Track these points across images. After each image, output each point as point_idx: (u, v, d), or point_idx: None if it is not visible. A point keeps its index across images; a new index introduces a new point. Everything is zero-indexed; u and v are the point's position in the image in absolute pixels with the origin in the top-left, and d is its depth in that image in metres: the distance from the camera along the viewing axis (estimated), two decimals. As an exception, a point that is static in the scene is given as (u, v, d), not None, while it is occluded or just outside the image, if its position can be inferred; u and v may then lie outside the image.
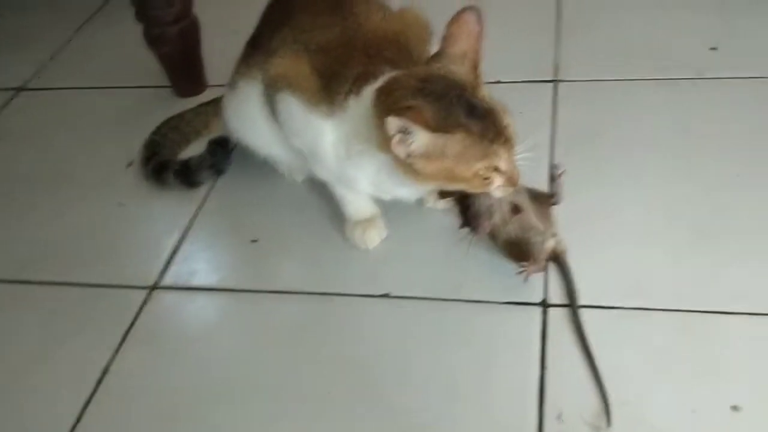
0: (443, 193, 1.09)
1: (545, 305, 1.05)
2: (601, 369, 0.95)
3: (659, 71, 1.43)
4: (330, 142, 1.06)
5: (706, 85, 1.39)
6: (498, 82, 1.29)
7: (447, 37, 0.98)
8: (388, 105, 0.95)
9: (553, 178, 1.09)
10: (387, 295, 1.10)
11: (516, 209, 1.05)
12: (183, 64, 1.54)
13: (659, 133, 1.29)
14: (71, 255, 1.25)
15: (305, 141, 1.09)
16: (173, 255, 1.22)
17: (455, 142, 0.93)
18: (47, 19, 1.95)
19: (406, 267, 1.14)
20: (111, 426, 1.00)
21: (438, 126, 0.91)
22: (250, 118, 1.19)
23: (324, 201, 1.25)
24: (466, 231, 1.07)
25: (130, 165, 1.41)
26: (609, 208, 1.17)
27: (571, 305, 1.04)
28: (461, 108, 0.93)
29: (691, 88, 1.39)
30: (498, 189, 0.98)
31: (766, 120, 1.28)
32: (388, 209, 1.19)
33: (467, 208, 1.04)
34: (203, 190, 1.33)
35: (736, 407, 0.90)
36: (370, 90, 1.00)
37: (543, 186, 1.11)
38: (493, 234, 1.07)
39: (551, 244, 1.07)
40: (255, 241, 1.23)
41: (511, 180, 0.98)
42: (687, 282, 1.04)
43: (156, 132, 1.41)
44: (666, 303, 1.02)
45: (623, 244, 1.11)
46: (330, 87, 1.04)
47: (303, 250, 1.20)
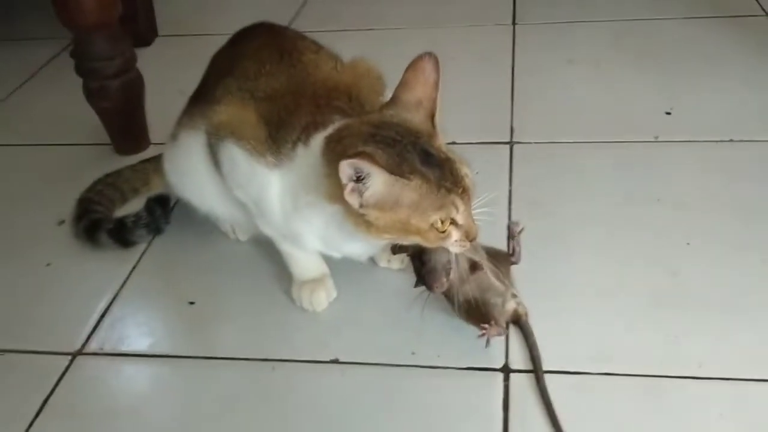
0: (397, 249, 1.02)
1: (507, 370, 0.99)
2: (569, 439, 0.88)
3: (615, 134, 1.42)
4: (276, 193, 1.00)
5: (661, 149, 1.39)
6: (453, 143, 1.25)
7: (402, 84, 0.93)
8: (338, 152, 0.90)
9: (512, 235, 1.05)
10: (336, 361, 1.03)
11: (474, 267, 0.99)
12: (124, 120, 1.47)
13: (613, 198, 1.27)
14: (-13, 319, 1.15)
15: (250, 193, 1.03)
16: (101, 318, 1.13)
17: (411, 189, 0.87)
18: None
19: (357, 331, 1.07)
20: None
21: (393, 171, 0.86)
22: (191, 171, 1.13)
23: (270, 261, 1.18)
24: (421, 290, 1.00)
25: (61, 223, 1.32)
26: (566, 271, 1.13)
27: (536, 371, 0.97)
28: (416, 155, 0.89)
29: (646, 151, 1.38)
30: (455, 244, 0.93)
31: (720, 184, 1.28)
32: (338, 269, 1.13)
33: (423, 264, 0.97)
34: (139, 249, 1.25)
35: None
36: (319, 138, 0.95)
37: (501, 246, 1.07)
38: (450, 294, 1.00)
39: (512, 305, 1.01)
40: (192, 304, 1.14)
41: (469, 234, 0.92)
42: (649, 346, 1.00)
43: (90, 189, 1.33)
44: (631, 368, 0.98)
45: (582, 308, 1.07)
46: (277, 136, 0.99)
47: (245, 312, 1.12)
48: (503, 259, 1.04)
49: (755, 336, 1.00)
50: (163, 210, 1.27)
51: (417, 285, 1.01)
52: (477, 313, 1.00)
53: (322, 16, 2.03)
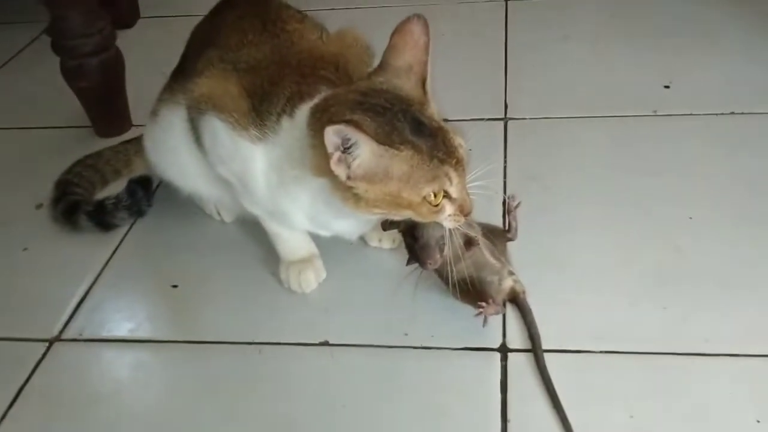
0: (388, 224, 0.98)
1: (504, 350, 0.95)
2: (569, 418, 0.85)
3: (612, 109, 1.38)
4: (261, 169, 0.95)
5: (660, 123, 1.35)
6: (446, 120, 1.21)
7: (390, 49, 0.89)
8: (324, 122, 0.85)
9: (508, 210, 1.00)
10: (326, 343, 0.99)
11: (469, 243, 0.94)
12: (104, 100, 1.42)
13: (612, 172, 1.23)
14: (-39, 306, 1.10)
15: (233, 169, 0.98)
16: (80, 304, 1.09)
17: (401, 160, 0.83)
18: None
19: (347, 312, 1.03)
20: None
21: (382, 140, 0.81)
22: (172, 149, 1.09)
23: (256, 242, 1.14)
24: (413, 267, 0.95)
25: (39, 207, 1.28)
26: (564, 249, 1.10)
27: (535, 350, 0.93)
28: (407, 124, 0.84)
29: (645, 125, 1.34)
30: (449, 219, 0.89)
31: (719, 158, 1.24)
32: (327, 249, 1.09)
33: (415, 240, 0.93)
34: (120, 232, 1.21)
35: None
36: (304, 109, 0.91)
37: (496, 222, 1.04)
38: (444, 272, 0.95)
39: (509, 283, 0.97)
40: (175, 287, 1.10)
41: (464, 208, 0.88)
42: (652, 323, 0.97)
43: (69, 171, 1.28)
44: (634, 346, 0.95)
45: (581, 286, 1.03)
46: (260, 108, 0.94)
47: (230, 295, 1.08)
48: (499, 236, 1.00)
49: (762, 311, 0.97)
50: (145, 192, 1.23)
51: (409, 262, 0.96)
52: (472, 292, 0.96)
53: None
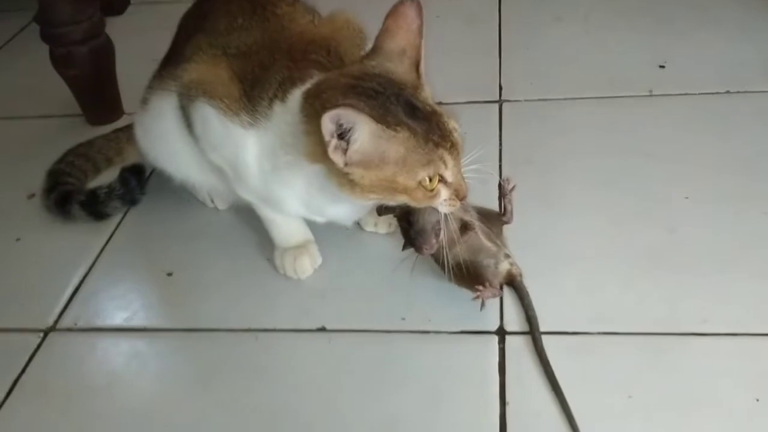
0: (383, 210, 0.97)
1: (502, 333, 0.95)
2: (567, 401, 0.84)
3: (607, 89, 1.37)
4: (253, 155, 0.94)
5: (655, 103, 1.34)
6: (440, 103, 1.20)
7: (383, 32, 0.88)
8: (317, 107, 0.84)
9: (503, 194, 0.99)
10: (322, 329, 0.98)
11: (465, 227, 0.94)
12: (94, 88, 1.40)
13: (607, 153, 1.22)
14: (-45, 297, 1.09)
15: (225, 155, 0.97)
16: (75, 293, 1.08)
17: (397, 143, 0.82)
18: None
19: (343, 297, 1.03)
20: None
21: (379, 120, 0.80)
22: (163, 136, 1.08)
23: (250, 229, 1.13)
24: (409, 252, 0.95)
25: (31, 197, 1.26)
26: (559, 230, 1.09)
27: (532, 332, 0.93)
28: (400, 108, 0.83)
29: (641, 105, 1.33)
30: (444, 203, 0.88)
31: (717, 137, 1.23)
32: (322, 234, 1.08)
33: (411, 225, 0.92)
34: (113, 221, 1.20)
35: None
36: (297, 94, 0.89)
37: (492, 206, 1.02)
38: (440, 257, 0.95)
39: (505, 266, 0.97)
40: (170, 275, 1.09)
41: (459, 193, 0.88)
42: (649, 304, 0.97)
43: (61, 160, 1.26)
44: (631, 327, 0.94)
45: (579, 267, 1.03)
46: (252, 93, 0.93)
47: (225, 282, 1.07)
48: (495, 219, 0.99)
49: (758, 290, 0.96)
50: (138, 180, 1.22)
51: (405, 247, 0.96)
52: (469, 276, 0.95)
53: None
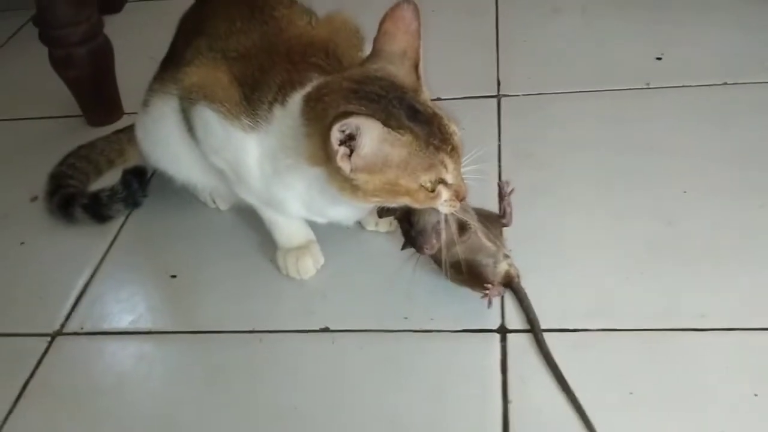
0: (384, 211, 0.98)
1: (504, 331, 0.96)
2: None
3: (605, 82, 1.37)
4: (254, 158, 0.95)
5: (653, 95, 1.34)
6: (438, 99, 1.21)
7: (382, 35, 0.88)
8: (319, 112, 0.85)
9: (502, 196, 1.00)
10: (326, 330, 0.99)
11: (464, 228, 0.94)
12: (94, 89, 1.41)
13: (605, 146, 1.23)
14: (-39, 302, 1.10)
15: (226, 158, 0.98)
16: (80, 297, 1.09)
17: (401, 146, 0.83)
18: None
19: (346, 297, 1.03)
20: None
21: (386, 123, 0.81)
22: (165, 139, 1.08)
23: (252, 230, 1.14)
24: (410, 252, 0.96)
25: (34, 200, 1.27)
26: (560, 225, 1.10)
27: (535, 334, 0.93)
28: (402, 111, 0.84)
29: (638, 98, 1.33)
30: (445, 204, 0.89)
31: (715, 129, 1.24)
32: (324, 234, 1.08)
33: (411, 225, 0.93)
34: (116, 224, 1.21)
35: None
36: (297, 98, 0.90)
37: (492, 207, 1.03)
38: (440, 257, 0.96)
39: (504, 266, 0.97)
40: (174, 277, 1.10)
41: (459, 194, 0.89)
42: (649, 300, 0.97)
43: (63, 162, 1.27)
44: (631, 323, 0.95)
45: (578, 263, 1.03)
46: (252, 97, 0.94)
47: (229, 284, 1.08)
48: (494, 221, 1.00)
49: (757, 284, 0.97)
50: (140, 183, 1.23)
51: (405, 247, 0.97)
52: (467, 275, 0.96)
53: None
